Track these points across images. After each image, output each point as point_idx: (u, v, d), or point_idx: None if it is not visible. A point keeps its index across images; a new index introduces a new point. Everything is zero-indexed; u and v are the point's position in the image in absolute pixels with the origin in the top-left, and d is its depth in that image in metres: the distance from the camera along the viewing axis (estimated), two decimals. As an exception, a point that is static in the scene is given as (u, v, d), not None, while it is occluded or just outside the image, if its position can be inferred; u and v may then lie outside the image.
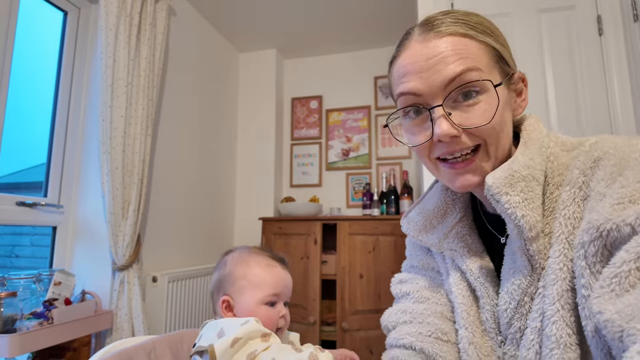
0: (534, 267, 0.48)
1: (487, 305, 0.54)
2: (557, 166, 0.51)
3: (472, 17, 0.53)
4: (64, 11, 1.77)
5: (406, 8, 2.36)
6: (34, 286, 1.43)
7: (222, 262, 0.79)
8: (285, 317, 0.76)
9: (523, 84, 0.55)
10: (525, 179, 0.47)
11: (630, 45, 1.52)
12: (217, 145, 2.65)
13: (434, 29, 0.51)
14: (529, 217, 0.46)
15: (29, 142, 1.94)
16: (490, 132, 0.49)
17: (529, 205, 0.46)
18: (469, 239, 0.59)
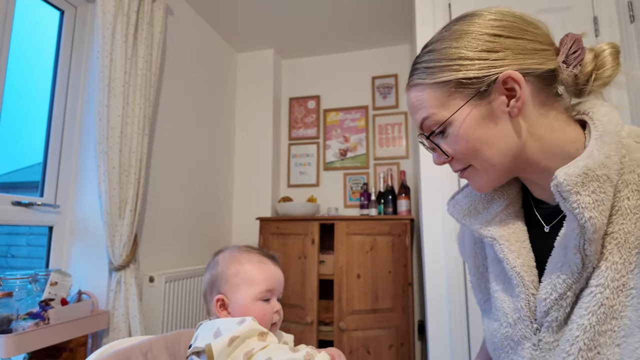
0: (586, 265, 0.48)
1: (522, 294, 0.54)
2: (629, 162, 0.48)
3: (430, 55, 0.55)
4: (61, 10, 1.76)
5: (404, 8, 2.36)
6: (30, 286, 1.43)
7: (214, 262, 0.80)
8: (280, 312, 0.77)
9: (508, 85, 0.52)
10: (600, 179, 0.45)
11: (627, 47, 1.52)
12: (215, 145, 2.65)
13: (408, 82, 0.59)
14: (595, 220, 0.45)
15: (25, 142, 1.93)
16: (464, 156, 0.54)
17: (599, 208, 0.45)
18: (512, 226, 0.59)
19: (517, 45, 0.52)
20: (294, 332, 2.25)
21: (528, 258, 0.56)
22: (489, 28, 0.53)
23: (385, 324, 2.11)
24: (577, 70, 0.52)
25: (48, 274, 1.48)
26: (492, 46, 0.52)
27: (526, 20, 0.54)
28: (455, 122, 0.53)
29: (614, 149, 0.47)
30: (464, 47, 0.53)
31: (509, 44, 0.52)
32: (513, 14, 0.55)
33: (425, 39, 1.76)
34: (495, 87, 0.52)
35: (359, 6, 2.39)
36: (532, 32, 0.53)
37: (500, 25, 0.53)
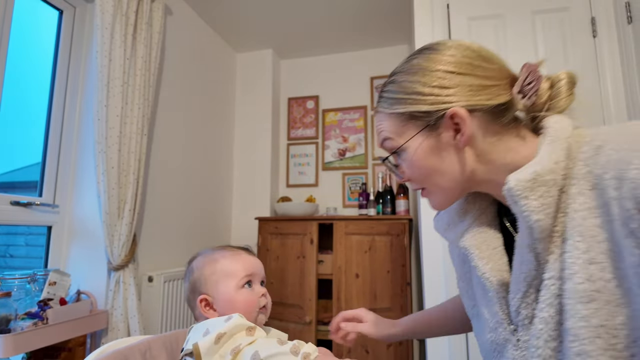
0: (540, 262, 0.50)
1: (494, 298, 0.57)
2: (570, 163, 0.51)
3: (392, 86, 0.60)
4: (60, 10, 1.76)
5: (402, 9, 2.37)
6: (29, 286, 1.43)
7: (189, 269, 0.81)
8: (266, 295, 0.79)
9: (455, 120, 0.55)
10: (547, 184, 0.48)
11: (624, 47, 1.53)
12: (214, 144, 2.65)
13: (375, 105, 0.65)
14: (542, 222, 0.48)
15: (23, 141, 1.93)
16: (418, 180, 0.61)
17: (545, 211, 0.48)
18: (484, 235, 0.61)
19: (466, 82, 0.55)
20: (292, 331, 2.25)
21: (499, 263, 0.58)
22: (443, 64, 0.56)
23: (384, 324, 2.11)
24: (533, 100, 0.55)
25: (47, 274, 1.48)
26: (444, 83, 0.55)
27: (481, 56, 0.57)
28: (408, 149, 0.58)
29: (563, 155, 0.50)
30: (418, 82, 0.57)
31: (459, 81, 0.55)
32: (469, 49, 0.57)
33: (424, 39, 1.77)
34: (444, 121, 0.55)
35: (357, 6, 2.39)
36: (483, 68, 0.56)
37: (454, 62, 0.56)
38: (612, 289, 0.43)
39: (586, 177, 0.47)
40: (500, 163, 0.56)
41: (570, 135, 0.52)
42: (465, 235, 0.62)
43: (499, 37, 1.70)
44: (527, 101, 0.55)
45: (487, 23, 1.72)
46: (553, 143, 0.51)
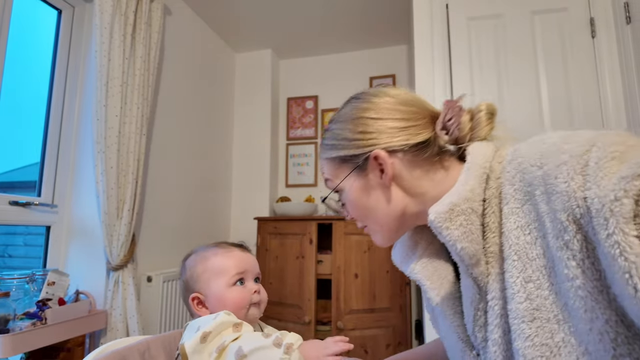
0: (480, 285, 0.52)
1: (452, 325, 0.58)
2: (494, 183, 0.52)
3: (327, 134, 0.65)
4: (58, 9, 1.76)
5: (401, 9, 2.37)
6: (27, 286, 1.43)
7: (183, 267, 0.81)
8: (259, 291, 0.78)
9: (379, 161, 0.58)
10: (465, 212, 0.50)
11: (623, 48, 1.53)
12: (213, 144, 2.65)
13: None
14: (468, 249, 0.50)
15: (22, 141, 1.93)
16: (358, 218, 0.64)
17: (468, 238, 0.50)
18: (435, 264, 0.62)
19: (386, 125, 0.59)
20: (291, 331, 2.25)
21: (451, 292, 0.59)
22: (365, 112, 0.60)
23: (383, 324, 2.11)
24: (456, 134, 0.57)
25: (45, 274, 1.48)
26: (366, 128, 0.59)
27: (399, 101, 0.60)
28: (344, 190, 0.63)
29: (477, 182, 0.52)
30: (346, 129, 0.62)
31: (379, 125, 0.59)
32: (388, 95, 0.61)
33: (423, 40, 1.77)
34: (370, 162, 0.59)
35: (356, 7, 2.39)
36: (401, 111, 0.59)
37: (374, 109, 0.60)
38: (549, 306, 0.43)
39: (515, 196, 0.48)
40: (430, 196, 0.58)
41: (489, 159, 0.54)
42: (417, 267, 0.62)
43: (498, 37, 1.70)
44: (450, 136, 0.57)
45: (487, 23, 1.72)
46: (468, 171, 0.53)
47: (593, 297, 0.38)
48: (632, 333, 0.37)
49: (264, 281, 2.39)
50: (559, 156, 0.42)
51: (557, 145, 0.44)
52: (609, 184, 0.35)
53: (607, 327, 0.37)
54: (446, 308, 0.58)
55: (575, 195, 0.38)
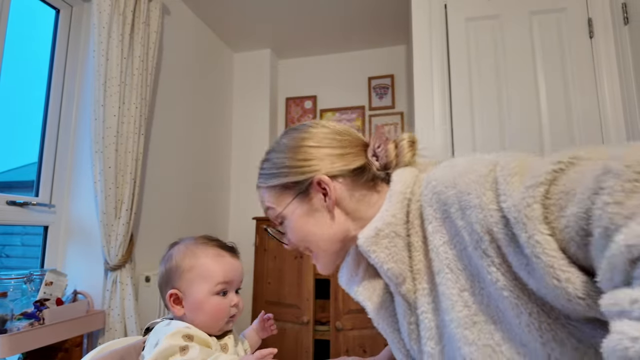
0: (409, 302, 0.57)
1: (394, 343, 0.62)
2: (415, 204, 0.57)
3: (266, 164, 0.69)
4: (56, 9, 1.75)
5: (400, 9, 2.37)
6: (25, 286, 1.42)
7: (168, 255, 0.78)
8: (238, 304, 0.76)
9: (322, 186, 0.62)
10: (389, 236, 0.55)
11: (621, 48, 1.54)
12: (211, 144, 2.65)
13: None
14: (393, 269, 0.55)
15: (20, 141, 1.92)
16: (301, 244, 0.65)
17: (393, 258, 0.55)
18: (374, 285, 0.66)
19: (326, 153, 0.63)
20: (290, 331, 2.25)
21: (388, 309, 0.63)
22: (306, 141, 0.65)
23: (381, 324, 2.11)
24: (384, 160, 0.63)
25: (43, 274, 1.47)
26: (307, 156, 0.63)
27: (335, 131, 0.66)
28: (287, 216, 0.65)
29: (399, 207, 0.57)
30: (287, 158, 0.65)
31: (319, 153, 0.63)
32: (325, 127, 0.67)
33: (422, 40, 1.77)
34: (312, 188, 0.62)
35: (355, 7, 2.39)
36: (338, 140, 0.65)
37: (314, 138, 0.65)
38: (485, 310, 0.47)
39: (435, 215, 0.52)
40: (368, 218, 0.60)
41: (410, 185, 0.58)
42: (360, 289, 0.66)
43: (496, 37, 1.71)
44: (379, 162, 0.63)
45: (485, 23, 1.73)
46: (390, 198, 0.58)
47: (515, 294, 0.43)
48: (552, 319, 0.42)
49: (262, 281, 2.39)
50: (469, 176, 0.47)
51: (466, 168, 0.49)
52: (519, 194, 0.40)
53: (531, 319, 0.42)
54: (386, 326, 0.63)
55: (488, 207, 0.43)
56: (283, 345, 2.25)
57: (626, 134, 1.51)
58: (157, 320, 0.74)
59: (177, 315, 0.74)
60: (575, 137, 1.57)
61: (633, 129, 1.48)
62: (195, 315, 0.72)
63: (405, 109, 2.76)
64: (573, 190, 0.36)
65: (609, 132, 1.53)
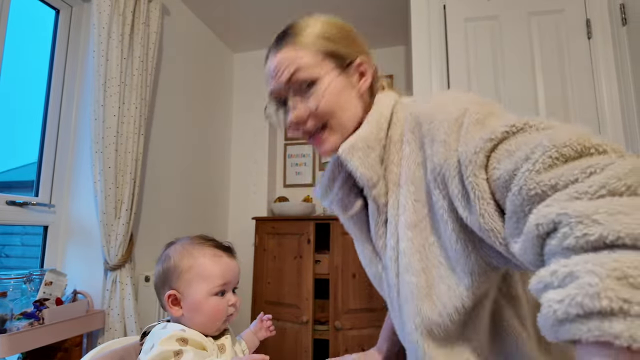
0: (378, 204, 0.66)
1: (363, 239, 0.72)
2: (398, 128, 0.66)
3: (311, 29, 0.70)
4: (56, 9, 1.76)
5: (399, 10, 2.37)
6: (25, 286, 1.43)
7: (165, 255, 0.77)
8: (235, 304, 0.76)
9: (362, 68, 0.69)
10: (362, 149, 0.63)
11: (619, 49, 1.54)
12: (211, 144, 2.65)
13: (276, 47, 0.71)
14: (365, 174, 0.63)
15: (20, 141, 1.92)
16: (326, 111, 0.65)
17: (365, 166, 0.63)
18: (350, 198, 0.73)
19: (364, 44, 0.72)
20: (289, 331, 2.26)
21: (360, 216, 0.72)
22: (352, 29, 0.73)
23: (381, 323, 2.10)
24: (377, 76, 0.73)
25: (43, 274, 1.48)
26: (356, 39, 0.71)
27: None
28: (323, 81, 0.65)
29: (375, 126, 0.65)
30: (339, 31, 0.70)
31: (361, 42, 0.72)
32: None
33: (421, 40, 1.78)
34: (353, 67, 0.68)
35: (355, 7, 2.40)
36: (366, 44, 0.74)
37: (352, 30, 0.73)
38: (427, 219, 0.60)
39: (414, 140, 0.62)
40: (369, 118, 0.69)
41: (391, 108, 0.67)
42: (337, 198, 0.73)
43: (494, 38, 1.71)
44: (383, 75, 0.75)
45: (484, 24, 1.73)
46: (369, 117, 0.66)
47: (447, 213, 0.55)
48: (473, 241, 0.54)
49: (262, 281, 2.39)
50: (443, 115, 0.56)
51: (444, 107, 0.58)
52: (473, 142, 0.49)
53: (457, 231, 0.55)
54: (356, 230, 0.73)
55: (450, 146, 0.53)
56: (282, 345, 2.25)
57: (623, 134, 1.52)
58: (154, 323, 0.74)
59: (175, 316, 0.74)
60: (574, 137, 1.57)
61: (631, 129, 1.48)
62: (194, 316, 0.72)
63: (405, 109, 2.76)
64: (513, 152, 0.45)
65: (607, 132, 1.54)
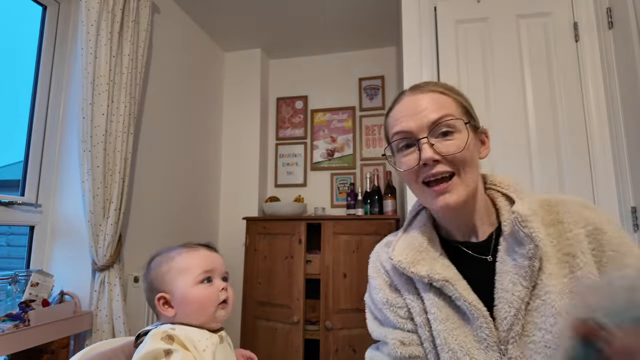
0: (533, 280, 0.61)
1: (483, 324, 0.62)
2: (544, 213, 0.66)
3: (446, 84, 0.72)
4: (44, 5, 1.73)
5: (391, 11, 2.39)
6: (10, 287, 1.40)
7: (147, 269, 0.80)
8: (227, 289, 0.77)
9: (485, 136, 0.72)
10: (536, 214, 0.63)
11: (605, 52, 1.57)
12: (201, 144, 2.63)
13: (419, 88, 0.70)
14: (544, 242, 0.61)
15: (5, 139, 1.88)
16: (463, 159, 0.65)
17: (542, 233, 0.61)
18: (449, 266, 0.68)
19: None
20: (280, 331, 2.25)
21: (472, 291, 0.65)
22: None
23: (371, 323, 2.12)
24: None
25: (29, 275, 1.45)
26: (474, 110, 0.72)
27: None
28: (463, 132, 0.66)
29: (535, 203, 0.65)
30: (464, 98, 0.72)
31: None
32: None
33: (412, 41, 1.79)
34: (479, 131, 0.71)
35: (346, 8, 2.40)
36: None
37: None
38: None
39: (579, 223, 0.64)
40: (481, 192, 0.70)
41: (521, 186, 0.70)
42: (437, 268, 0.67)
43: (484, 39, 1.73)
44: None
45: (474, 26, 1.75)
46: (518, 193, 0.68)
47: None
48: None
49: (252, 281, 2.38)
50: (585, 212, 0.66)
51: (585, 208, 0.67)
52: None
53: None
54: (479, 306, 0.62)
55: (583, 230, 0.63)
56: (273, 345, 2.25)
57: (609, 136, 1.55)
58: (148, 327, 0.74)
59: (169, 317, 0.74)
60: (561, 138, 1.60)
61: (616, 130, 1.51)
62: (185, 309, 0.72)
63: (396, 110, 2.77)
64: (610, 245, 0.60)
65: (594, 134, 1.57)
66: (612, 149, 1.54)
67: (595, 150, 1.56)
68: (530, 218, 0.61)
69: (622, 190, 1.48)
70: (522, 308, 0.60)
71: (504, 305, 0.61)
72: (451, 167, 0.65)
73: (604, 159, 1.54)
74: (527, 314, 0.60)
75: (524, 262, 0.61)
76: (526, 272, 0.60)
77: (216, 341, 0.73)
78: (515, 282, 0.61)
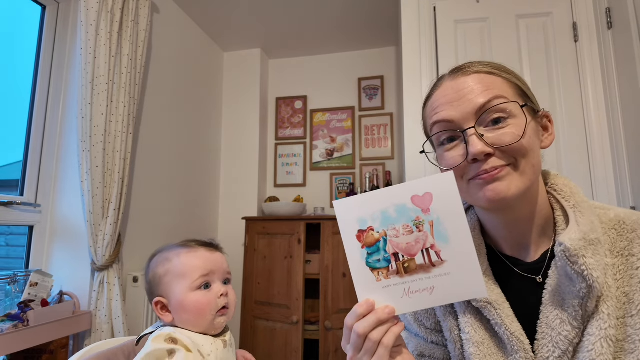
0: (585, 320, 0.51)
1: (522, 358, 0.53)
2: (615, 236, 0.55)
3: (494, 63, 0.59)
4: (43, 5, 1.73)
5: (390, 11, 2.39)
6: (9, 287, 1.40)
7: (147, 268, 0.77)
8: (227, 294, 0.73)
9: (547, 120, 0.60)
10: (594, 243, 0.50)
11: (604, 52, 1.57)
12: (201, 144, 2.63)
13: (461, 70, 0.58)
14: (601, 279, 0.49)
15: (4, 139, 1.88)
16: (520, 150, 0.53)
17: (599, 267, 0.49)
18: (494, 287, 0.58)
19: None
20: (279, 331, 2.25)
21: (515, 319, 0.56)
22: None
23: (371, 323, 2.12)
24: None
25: (28, 275, 1.45)
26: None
27: None
28: (520, 117, 0.54)
29: (595, 218, 0.54)
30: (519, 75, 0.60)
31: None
32: None
33: (411, 41, 1.79)
34: (540, 115, 0.58)
35: (346, 8, 2.40)
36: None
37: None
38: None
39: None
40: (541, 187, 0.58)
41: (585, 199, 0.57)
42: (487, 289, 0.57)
43: (484, 39, 1.73)
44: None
45: (473, 26, 1.75)
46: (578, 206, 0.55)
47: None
48: None
49: (252, 281, 2.38)
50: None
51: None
52: None
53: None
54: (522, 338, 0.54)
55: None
56: (272, 345, 2.25)
57: (609, 136, 1.55)
58: (149, 329, 0.73)
59: (167, 322, 0.73)
60: (560, 138, 1.60)
61: (615, 130, 1.51)
62: (181, 316, 0.70)
63: (395, 110, 2.78)
64: None
65: (593, 133, 1.57)
66: (611, 149, 1.54)
67: (595, 150, 1.56)
68: (581, 252, 0.49)
69: (621, 190, 1.48)
70: (569, 350, 0.51)
71: (548, 343, 0.52)
72: (507, 159, 0.53)
73: (603, 159, 1.55)
74: (575, 357, 0.51)
75: (574, 301, 0.51)
76: (577, 312, 0.51)
77: (220, 346, 0.71)
78: (564, 321, 0.52)
